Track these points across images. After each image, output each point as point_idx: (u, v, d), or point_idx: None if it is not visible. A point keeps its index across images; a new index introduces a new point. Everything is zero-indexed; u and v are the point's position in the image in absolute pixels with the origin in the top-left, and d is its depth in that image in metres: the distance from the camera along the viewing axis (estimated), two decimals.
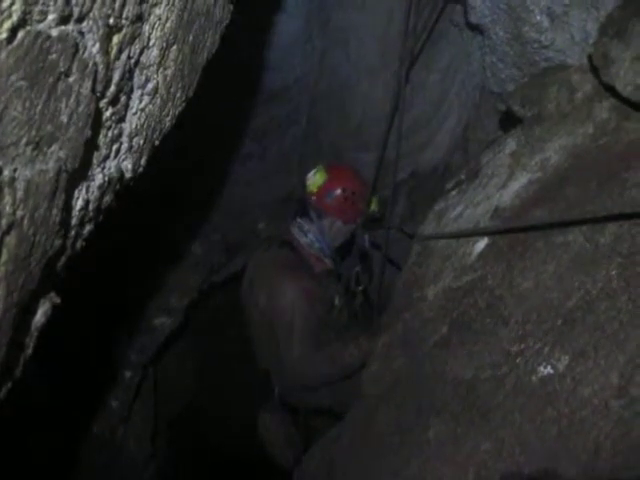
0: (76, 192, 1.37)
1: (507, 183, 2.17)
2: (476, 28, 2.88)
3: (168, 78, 1.64)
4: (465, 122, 3.55)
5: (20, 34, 0.93)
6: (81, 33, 1.11)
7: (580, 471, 1.37)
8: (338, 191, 3.01)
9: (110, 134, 1.44)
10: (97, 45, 1.19)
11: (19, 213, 1.07)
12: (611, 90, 1.87)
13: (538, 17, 2.38)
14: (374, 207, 3.11)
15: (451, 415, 1.76)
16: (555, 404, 1.49)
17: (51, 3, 0.98)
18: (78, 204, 1.39)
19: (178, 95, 1.77)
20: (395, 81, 3.13)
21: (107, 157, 1.47)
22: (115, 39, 1.28)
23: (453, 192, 2.52)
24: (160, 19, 1.45)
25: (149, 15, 1.40)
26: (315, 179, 3.05)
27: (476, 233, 2.13)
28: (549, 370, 1.55)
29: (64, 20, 1.04)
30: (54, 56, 1.03)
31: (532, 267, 1.80)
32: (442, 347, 1.97)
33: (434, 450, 1.75)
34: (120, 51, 1.32)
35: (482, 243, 2.08)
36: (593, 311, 1.55)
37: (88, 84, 1.18)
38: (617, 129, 1.89)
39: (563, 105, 2.12)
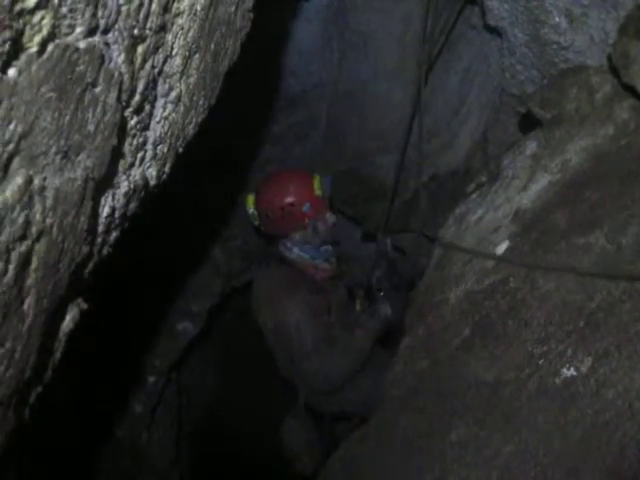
0: (102, 199, 1.40)
1: (528, 185, 2.17)
2: (494, 30, 2.88)
3: (191, 86, 1.66)
4: (485, 124, 3.54)
5: (50, 47, 0.96)
6: (107, 44, 1.14)
7: (604, 473, 1.37)
8: (269, 215, 2.93)
9: (135, 142, 1.47)
10: (122, 55, 1.21)
11: (48, 221, 1.10)
12: (631, 90, 1.87)
13: (557, 18, 2.38)
14: (318, 191, 2.93)
15: (474, 418, 1.76)
16: (578, 406, 1.49)
17: (79, 16, 1.00)
18: (104, 211, 1.42)
19: (200, 103, 1.80)
20: (414, 84, 3.14)
21: (132, 165, 1.50)
22: (139, 49, 1.30)
23: (474, 195, 2.52)
24: (183, 29, 1.48)
25: (172, 25, 1.42)
26: (251, 213, 3.01)
27: (487, 257, 2.12)
28: (572, 372, 1.55)
29: (91, 32, 1.06)
30: (82, 67, 1.05)
31: None
32: (465, 350, 1.97)
33: (457, 453, 1.75)
34: (144, 61, 1.35)
35: (503, 246, 2.08)
36: (615, 312, 1.54)
37: (114, 94, 1.20)
38: (638, 129, 1.88)
39: (583, 106, 2.12)
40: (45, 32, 0.94)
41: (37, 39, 0.93)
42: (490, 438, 1.67)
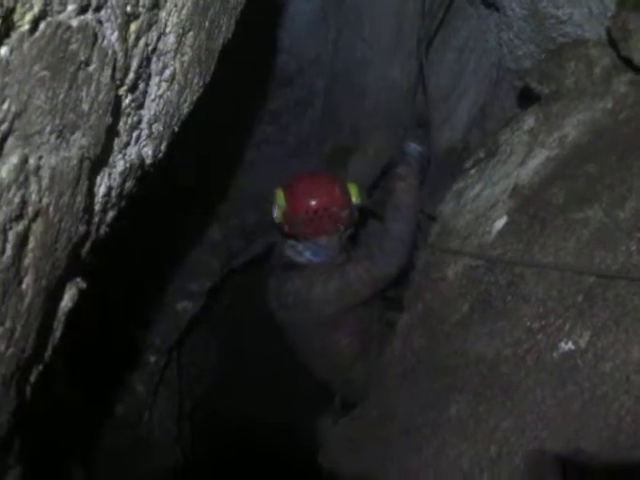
0: (98, 179, 1.39)
1: (526, 160, 2.17)
2: (492, 5, 2.86)
3: (185, 64, 1.65)
4: (482, 100, 3.52)
5: (42, 25, 0.95)
6: (100, 22, 1.13)
7: (602, 445, 1.38)
8: (301, 215, 2.84)
9: (130, 121, 1.46)
10: (115, 33, 1.20)
11: (45, 200, 1.10)
12: (630, 64, 1.86)
13: None
14: (356, 199, 2.94)
15: (473, 393, 1.77)
16: (576, 379, 1.50)
17: None
18: (101, 190, 1.41)
19: (195, 81, 1.78)
20: (411, 60, 3.12)
21: (127, 144, 1.49)
22: (133, 27, 1.29)
23: (472, 171, 2.52)
24: (176, 6, 1.46)
25: (165, 2, 1.40)
26: (278, 207, 2.92)
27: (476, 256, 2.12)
28: (570, 346, 1.56)
29: (83, 10, 1.05)
30: (74, 46, 1.04)
31: (552, 244, 1.80)
32: (463, 326, 1.98)
33: (456, 428, 1.77)
34: (138, 38, 1.33)
35: (501, 221, 2.08)
36: (613, 287, 1.55)
37: (108, 72, 1.19)
38: (636, 103, 1.88)
39: (581, 80, 2.11)
40: (36, 10, 0.93)
41: (28, 17, 0.91)
42: (489, 413, 1.68)
